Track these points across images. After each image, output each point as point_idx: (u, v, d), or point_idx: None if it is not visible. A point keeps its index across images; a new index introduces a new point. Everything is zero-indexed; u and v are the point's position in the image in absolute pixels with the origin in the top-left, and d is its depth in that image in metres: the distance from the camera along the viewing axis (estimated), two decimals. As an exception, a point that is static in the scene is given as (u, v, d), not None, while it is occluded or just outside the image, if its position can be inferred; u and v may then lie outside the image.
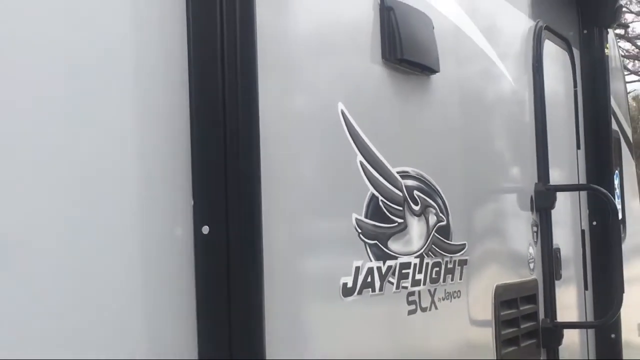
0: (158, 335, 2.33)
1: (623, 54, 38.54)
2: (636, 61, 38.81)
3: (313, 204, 2.87)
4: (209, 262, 2.38)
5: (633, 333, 6.33)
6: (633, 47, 37.34)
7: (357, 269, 3.02)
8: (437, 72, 3.54)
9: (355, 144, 3.07)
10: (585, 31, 5.63)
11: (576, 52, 5.47)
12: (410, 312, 3.35)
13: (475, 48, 4.12)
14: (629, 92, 33.75)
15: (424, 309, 3.44)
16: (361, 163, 3.09)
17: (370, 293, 3.09)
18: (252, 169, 2.42)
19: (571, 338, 4.97)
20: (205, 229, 2.36)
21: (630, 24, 36.38)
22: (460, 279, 3.76)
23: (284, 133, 2.64)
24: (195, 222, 2.36)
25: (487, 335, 4.02)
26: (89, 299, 2.14)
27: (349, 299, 2.97)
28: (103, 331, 2.17)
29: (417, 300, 3.40)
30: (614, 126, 6.05)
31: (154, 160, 2.35)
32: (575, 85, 5.44)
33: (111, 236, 2.21)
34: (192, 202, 2.36)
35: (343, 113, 3.00)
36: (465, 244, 3.80)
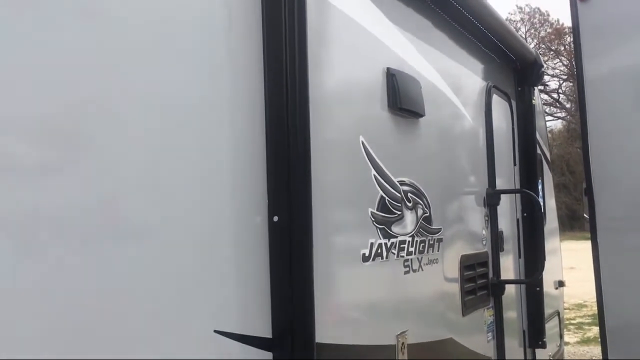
0: (245, 288, 2.21)
1: (543, 102, 38.07)
2: (551, 107, 38.32)
3: (343, 202, 2.79)
4: (277, 241, 2.26)
5: (551, 287, 6.15)
6: (548, 97, 36.82)
7: (372, 244, 2.93)
8: (423, 115, 3.41)
9: (371, 163, 2.96)
10: (519, 88, 5.45)
11: (513, 102, 5.27)
12: (406, 272, 3.25)
13: (447, 99, 3.96)
14: (547, 127, 33.45)
15: (414, 270, 3.34)
16: (374, 175, 2.99)
17: (380, 260, 2.99)
18: (305, 177, 2.31)
19: (510, 290, 4.82)
20: (275, 218, 2.27)
21: (547, 82, 35.93)
22: (438, 250, 3.63)
23: (325, 155, 2.52)
24: (269, 213, 2.26)
25: (455, 288, 3.89)
26: (196, 271, 2.06)
27: (366, 263, 2.88)
28: (204, 294, 2.08)
29: (410, 265, 3.30)
30: (538, 150, 5.85)
31: (242, 170, 2.25)
32: (512, 124, 5.24)
33: (213, 223, 2.14)
34: (267, 200, 2.26)
35: (363, 143, 2.90)
36: (441, 228, 3.67)
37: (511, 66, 5.35)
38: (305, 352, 2.26)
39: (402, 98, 3.17)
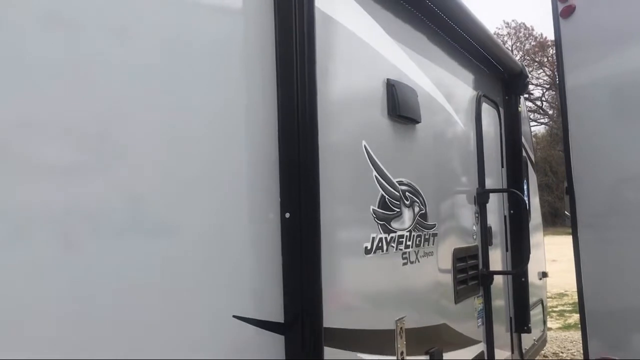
0: (260, 278, 2.20)
1: (527, 109, 37.98)
2: (535, 113, 38.19)
3: (348, 200, 2.77)
4: (289, 236, 2.26)
5: (535, 278, 6.10)
6: (532, 104, 36.69)
7: (373, 238, 2.92)
8: (419, 122, 3.41)
9: (372, 165, 2.95)
10: (506, 97, 5.40)
11: (501, 110, 5.22)
12: (404, 264, 3.23)
13: (441, 107, 3.93)
14: (532, 132, 33.30)
15: (412, 262, 3.32)
16: (375, 176, 2.98)
17: (380, 253, 2.98)
18: (314, 177, 2.31)
19: (497, 280, 4.78)
20: (287, 215, 2.26)
21: (532, 91, 35.80)
22: (433, 244, 3.61)
23: (331, 157, 2.52)
24: (281, 210, 2.26)
25: (448, 278, 3.87)
26: (217, 262, 2.05)
27: (368, 256, 2.87)
28: (223, 283, 2.07)
29: (408, 257, 3.28)
30: (524, 153, 5.78)
31: (257, 171, 2.24)
32: (500, 129, 5.19)
33: (231, 219, 2.13)
34: (280, 198, 2.26)
35: (365, 146, 2.89)
36: (435, 224, 3.65)
37: (499, 77, 5.32)
38: (314, 336, 2.27)
39: (400, 106, 3.18)
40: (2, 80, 1.49)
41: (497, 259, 4.87)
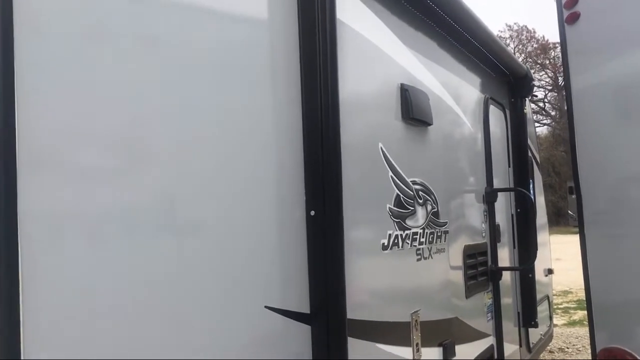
0: (288, 272, 2.32)
1: (532, 109, 38.04)
2: (538, 114, 38.27)
3: (367, 199, 2.86)
4: (314, 232, 2.37)
5: (541, 274, 6.17)
6: (535, 106, 36.75)
7: (389, 235, 3.02)
8: (431, 124, 3.51)
9: (388, 166, 3.05)
10: (512, 99, 5.48)
11: (507, 112, 5.32)
12: (418, 260, 3.34)
13: (450, 110, 4.03)
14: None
15: (425, 258, 3.42)
16: (391, 176, 3.08)
17: (396, 249, 3.08)
18: (336, 178, 2.41)
19: (506, 276, 4.87)
20: (312, 212, 2.37)
21: (534, 93, 35.96)
22: (445, 241, 3.71)
23: (351, 159, 2.62)
24: (307, 208, 2.37)
25: (459, 274, 3.97)
26: (249, 257, 2.17)
27: (385, 252, 2.98)
28: (255, 276, 2.19)
29: (422, 253, 3.38)
30: (529, 153, 5.88)
31: (285, 172, 2.36)
32: (507, 130, 5.29)
33: (261, 217, 2.24)
34: (305, 197, 2.37)
35: (381, 148, 3.00)
36: (447, 222, 3.75)
37: (505, 80, 5.42)
38: (338, 326, 2.38)
39: (413, 109, 3.28)
40: (51, 90, 1.61)
41: (505, 255, 4.96)
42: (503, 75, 5.32)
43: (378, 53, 3.11)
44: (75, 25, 1.71)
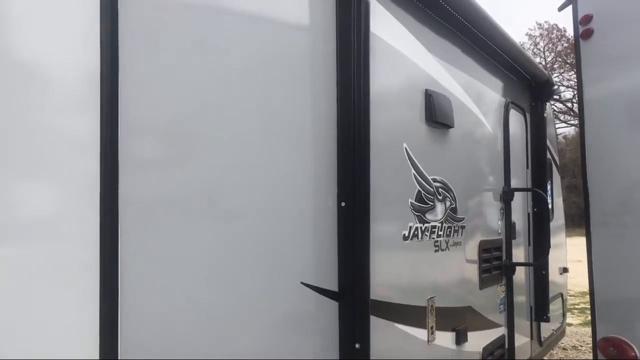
0: (320, 254, 2.65)
1: (558, 110, 37.78)
2: (565, 115, 38.09)
3: (391, 193, 3.17)
4: (344, 221, 2.70)
5: (556, 273, 6.41)
6: (562, 106, 36.60)
7: (410, 227, 3.32)
8: (453, 127, 3.81)
9: (411, 164, 3.35)
10: (533, 104, 5.69)
11: (527, 115, 5.54)
12: (436, 251, 3.63)
13: (472, 113, 4.29)
14: (560, 134, 33.21)
15: (443, 250, 3.71)
16: (414, 174, 3.38)
17: (416, 240, 3.38)
18: (365, 173, 2.73)
19: (520, 272, 5.12)
20: (343, 203, 2.70)
21: (562, 92, 35.70)
22: (462, 235, 3.99)
23: (379, 157, 2.90)
24: (338, 200, 2.70)
25: (474, 266, 4.23)
26: (288, 240, 2.52)
27: (406, 242, 3.28)
28: (293, 256, 2.54)
29: (439, 245, 3.67)
30: (548, 155, 6.07)
31: (319, 166, 2.68)
32: (526, 133, 5.50)
33: (298, 206, 2.58)
34: (337, 190, 2.70)
35: (406, 148, 3.30)
36: (464, 217, 4.03)
37: (527, 84, 5.66)
38: (362, 304, 2.73)
39: (437, 113, 3.60)
40: (145, 96, 1.97)
41: (519, 252, 5.23)
42: (524, 79, 5.57)
43: (405, 61, 3.43)
44: (165, 40, 2.06)
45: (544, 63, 42.45)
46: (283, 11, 2.66)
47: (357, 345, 2.67)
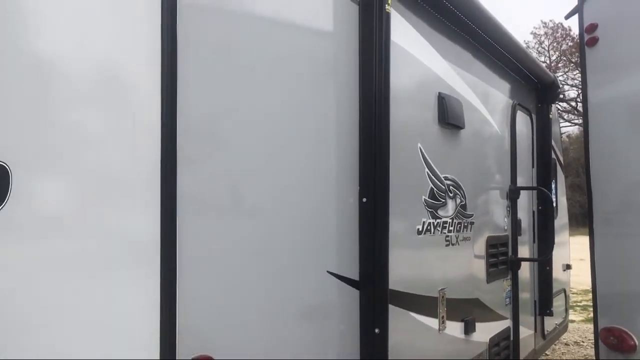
0: (343, 245, 2.87)
1: (562, 109, 37.91)
2: (569, 114, 38.26)
3: (407, 191, 3.39)
4: (365, 216, 2.93)
5: (559, 269, 6.61)
6: (567, 105, 36.77)
7: (424, 222, 3.55)
8: (463, 128, 4.04)
9: (425, 164, 3.58)
10: (539, 105, 5.92)
11: (533, 116, 5.76)
12: (447, 245, 3.86)
13: (481, 115, 4.52)
14: (564, 133, 33.37)
15: (453, 244, 3.94)
16: (427, 173, 3.61)
17: (429, 234, 3.61)
18: (384, 172, 2.95)
19: (525, 267, 5.35)
20: (364, 200, 2.92)
21: (567, 91, 35.87)
22: (470, 231, 4.21)
23: (396, 157, 3.10)
24: (360, 196, 2.93)
25: (482, 261, 4.46)
26: (316, 233, 2.74)
27: (419, 236, 3.51)
28: (320, 248, 2.77)
29: (450, 240, 3.90)
30: (553, 155, 6.28)
31: (342, 164, 2.89)
32: (532, 133, 5.73)
33: (323, 201, 2.79)
34: (359, 187, 2.93)
35: (420, 148, 3.52)
36: (473, 214, 4.25)
37: (533, 87, 5.91)
38: (381, 293, 2.96)
39: (449, 115, 3.84)
40: (199, 100, 2.20)
41: (525, 248, 5.46)
42: (531, 82, 5.81)
43: (420, 66, 3.67)
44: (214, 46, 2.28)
45: (548, 62, 42.60)
46: (312, 20, 2.88)
47: (376, 330, 2.90)
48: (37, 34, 2.42)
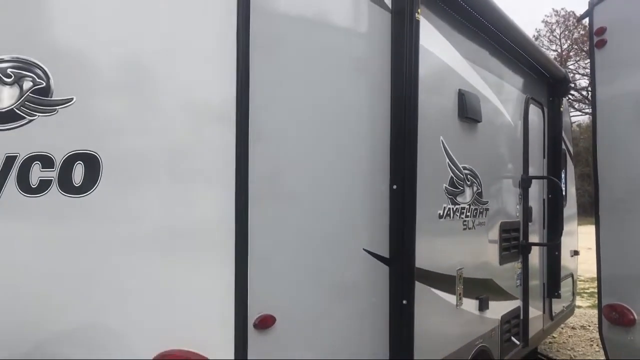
0: (375, 226, 3.25)
1: (573, 97, 38.03)
2: (580, 103, 38.41)
3: (430, 179, 3.75)
4: (395, 201, 3.30)
5: (568, 255, 7.00)
6: (578, 94, 36.93)
7: (444, 207, 3.93)
8: (480, 121, 4.41)
9: (446, 155, 3.95)
10: (551, 99, 6.31)
11: (545, 109, 6.12)
12: (464, 229, 4.25)
13: (496, 109, 4.88)
14: (574, 122, 33.54)
15: (470, 228, 4.33)
16: (448, 163, 3.98)
17: (449, 219, 3.99)
18: (413, 161, 3.32)
19: (535, 252, 5.74)
20: (394, 187, 3.30)
21: (578, 80, 36.04)
22: (485, 217, 4.60)
23: (422, 148, 3.45)
24: (390, 183, 3.30)
25: (495, 244, 4.85)
26: (352, 216, 3.11)
27: (441, 220, 3.89)
28: (358, 228, 3.15)
29: (467, 224, 4.28)
30: (563, 145, 6.64)
31: (376, 155, 3.25)
32: (544, 126, 6.09)
33: (357, 188, 3.17)
34: (389, 175, 3.30)
35: (442, 141, 3.90)
36: (488, 201, 4.63)
37: (545, 81, 6.27)
38: (408, 270, 3.37)
39: (468, 110, 4.22)
40: (270, 90, 2.60)
41: (535, 233, 5.85)
42: (543, 77, 6.18)
43: (443, 66, 4.06)
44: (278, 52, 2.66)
45: (559, 50, 42.68)
46: (352, 26, 3.29)
47: (404, 302, 3.31)
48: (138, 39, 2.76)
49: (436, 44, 3.93)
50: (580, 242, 7.92)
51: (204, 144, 2.54)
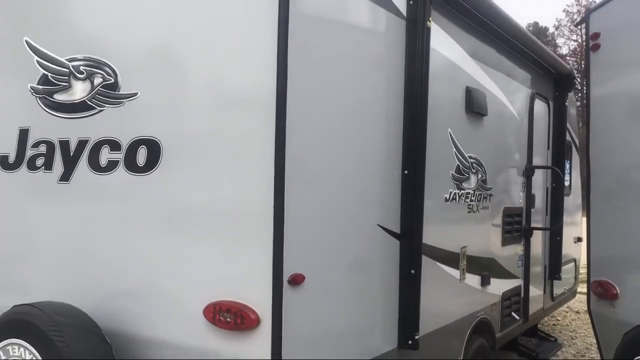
0: (388, 205, 3.76)
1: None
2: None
3: (439, 166, 4.25)
4: (406, 185, 3.81)
5: (571, 241, 7.50)
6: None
7: (450, 192, 4.46)
8: (486, 115, 4.90)
9: (453, 144, 4.46)
10: (557, 93, 6.76)
11: (551, 103, 6.63)
12: (469, 212, 4.78)
13: (502, 103, 5.36)
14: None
15: (474, 212, 4.85)
16: (455, 152, 4.49)
17: (454, 202, 4.52)
18: (422, 149, 3.82)
19: (537, 235, 6.25)
20: (406, 172, 3.81)
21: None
22: (489, 202, 5.11)
23: (431, 138, 3.94)
24: (402, 168, 3.81)
25: (498, 227, 5.36)
26: (368, 196, 3.61)
27: (447, 203, 4.43)
28: (374, 206, 3.64)
29: (472, 207, 4.81)
30: (568, 137, 7.09)
31: (389, 141, 3.75)
32: (549, 119, 6.58)
33: (373, 173, 3.67)
34: (402, 161, 3.81)
35: (450, 132, 4.41)
36: (492, 187, 5.13)
37: (551, 76, 6.77)
38: (416, 245, 3.90)
39: (474, 104, 4.74)
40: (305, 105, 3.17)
41: (538, 219, 6.37)
42: (549, 73, 6.67)
43: (452, 65, 4.59)
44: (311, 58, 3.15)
45: (580, 41, 42.65)
46: (373, 30, 3.79)
47: (412, 271, 3.88)
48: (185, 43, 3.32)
49: (446, 46, 4.46)
50: (583, 232, 8.32)
51: (249, 132, 3.07)
